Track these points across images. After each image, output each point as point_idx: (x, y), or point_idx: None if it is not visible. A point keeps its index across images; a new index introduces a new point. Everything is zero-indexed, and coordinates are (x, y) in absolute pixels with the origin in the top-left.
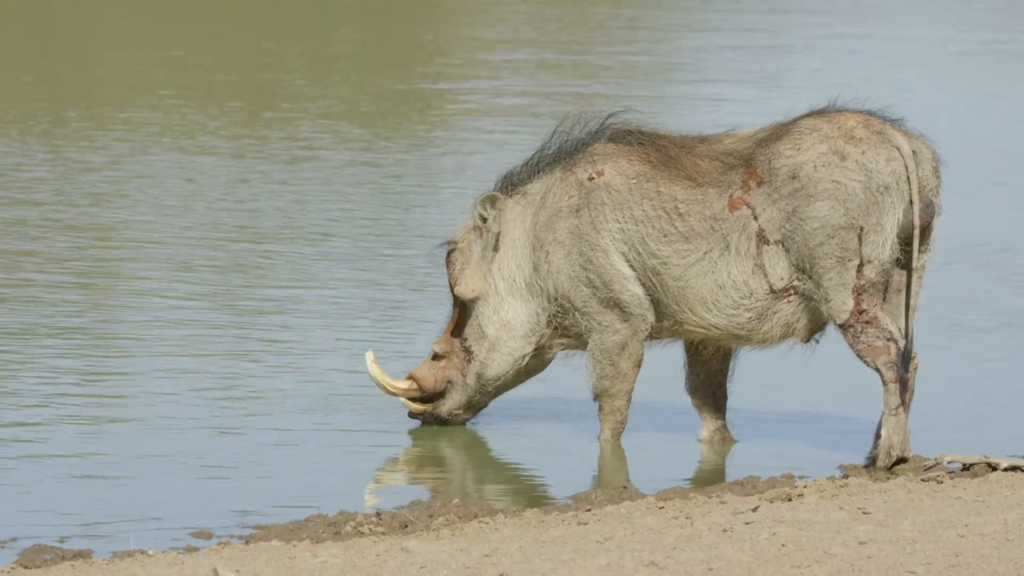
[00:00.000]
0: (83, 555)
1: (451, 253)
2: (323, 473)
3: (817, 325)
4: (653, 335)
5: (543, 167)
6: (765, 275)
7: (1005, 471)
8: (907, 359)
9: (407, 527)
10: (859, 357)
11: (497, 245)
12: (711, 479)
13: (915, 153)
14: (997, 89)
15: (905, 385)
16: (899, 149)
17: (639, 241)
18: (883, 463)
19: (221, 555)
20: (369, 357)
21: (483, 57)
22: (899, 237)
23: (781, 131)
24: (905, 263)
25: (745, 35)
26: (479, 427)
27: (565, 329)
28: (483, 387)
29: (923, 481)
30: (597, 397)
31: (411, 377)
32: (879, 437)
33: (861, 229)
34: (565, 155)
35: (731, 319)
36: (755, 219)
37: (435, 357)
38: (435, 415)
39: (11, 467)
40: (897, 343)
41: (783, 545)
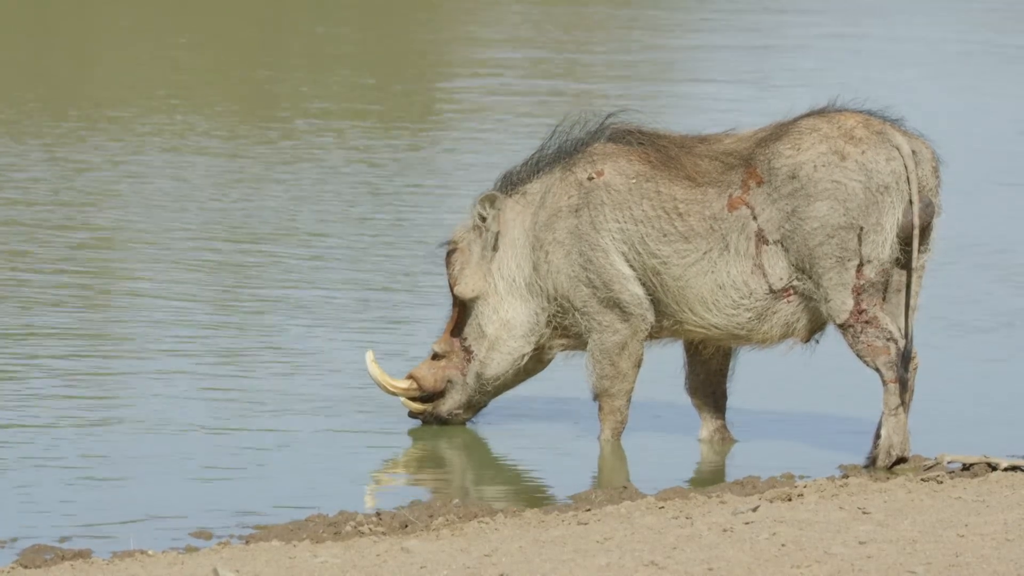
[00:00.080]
0: (83, 555)
1: (451, 253)
2: (323, 473)
3: (817, 325)
4: (653, 335)
5: (543, 167)
6: (764, 275)
7: (1005, 471)
8: (907, 359)
9: (407, 527)
10: (859, 357)
11: (497, 245)
12: (711, 479)
13: (915, 153)
14: (997, 89)
15: (905, 385)
16: (899, 149)
17: (639, 241)
18: (883, 463)
19: (221, 555)
20: (369, 357)
21: (481, 57)
22: (899, 237)
23: (781, 131)
24: (905, 263)
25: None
26: (479, 427)
27: (565, 329)
28: (483, 387)
29: (923, 481)
30: (597, 397)
31: (411, 377)
32: (879, 437)
33: (861, 229)
34: (565, 155)
35: (731, 319)
36: (754, 219)
37: (435, 357)
38: (435, 415)
39: (11, 467)
40: (897, 343)
41: (783, 545)
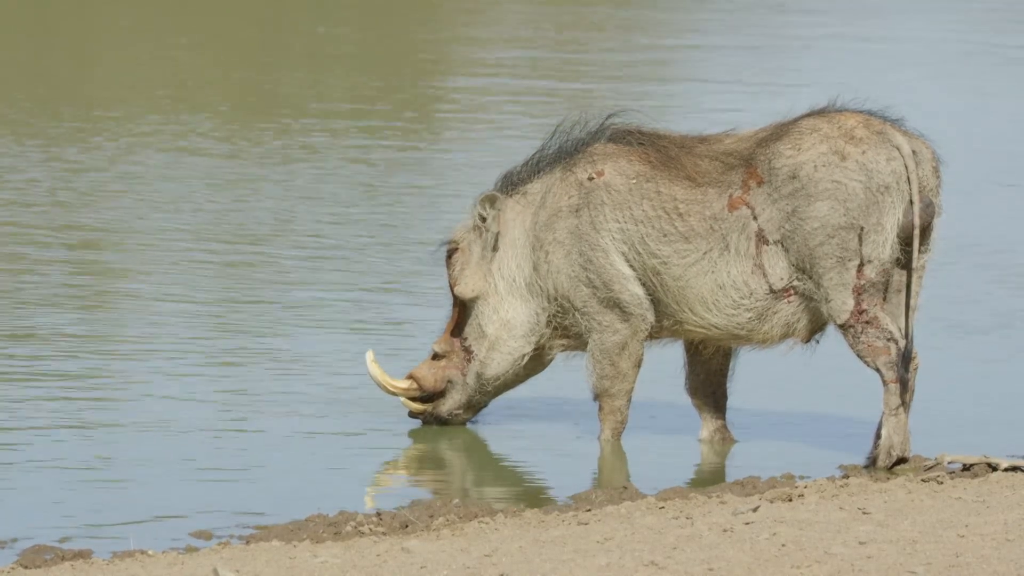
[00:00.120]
0: (83, 555)
1: (451, 253)
2: (323, 473)
3: (817, 325)
4: (653, 335)
5: (543, 167)
6: (765, 275)
7: (1005, 471)
8: (907, 359)
9: (407, 527)
10: (859, 357)
11: (497, 245)
12: (711, 479)
13: (915, 153)
14: (997, 89)
15: (905, 385)
16: (899, 149)
17: (639, 241)
18: (883, 463)
19: (221, 555)
20: (369, 356)
21: (480, 57)
22: (899, 237)
23: (781, 131)
24: (905, 263)
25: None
26: (479, 427)
27: (565, 329)
28: (483, 387)
29: (923, 481)
30: (597, 397)
31: (411, 377)
32: (879, 437)
33: (861, 229)
34: (565, 155)
35: (731, 319)
36: (755, 219)
37: (435, 357)
38: (435, 415)
39: (11, 468)
40: (897, 343)
41: (783, 545)
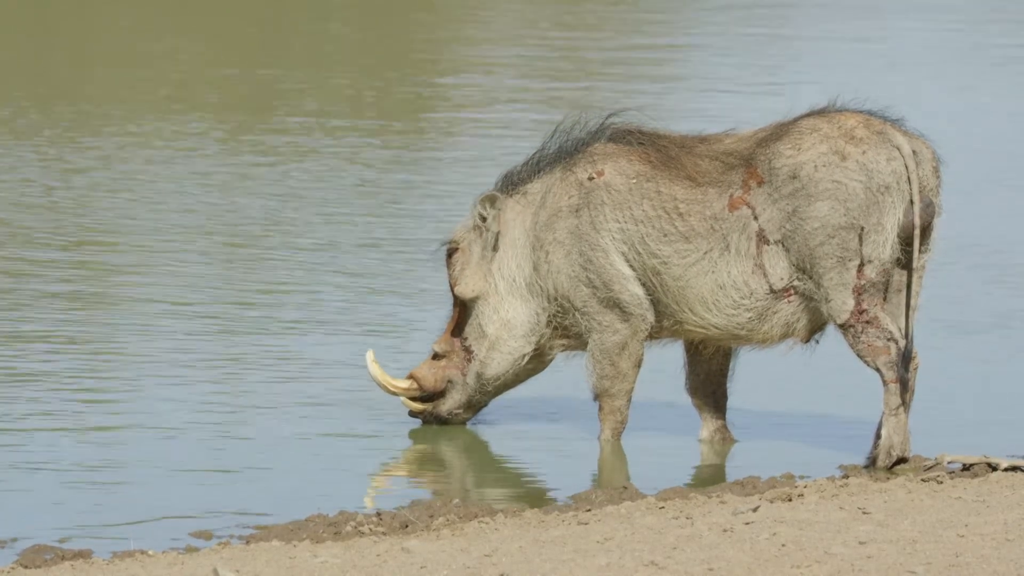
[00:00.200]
0: (83, 555)
1: (451, 253)
2: (323, 473)
3: (817, 325)
4: (653, 335)
5: (543, 167)
6: (765, 275)
7: (1005, 471)
8: (907, 359)
9: (407, 527)
10: (859, 357)
11: (497, 245)
12: (711, 479)
13: (915, 153)
14: (997, 89)
15: (905, 385)
16: (899, 149)
17: (639, 241)
18: (883, 463)
19: (221, 555)
20: (369, 356)
21: (480, 56)
22: (899, 237)
23: (781, 131)
24: (905, 263)
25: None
26: (479, 427)
27: (565, 329)
28: (483, 386)
29: (923, 481)
30: (597, 397)
31: (411, 376)
32: (879, 437)
33: (862, 229)
34: (565, 155)
35: (731, 319)
36: (755, 219)
37: (435, 356)
38: (435, 414)
39: (11, 468)
40: (897, 343)
41: (783, 545)
